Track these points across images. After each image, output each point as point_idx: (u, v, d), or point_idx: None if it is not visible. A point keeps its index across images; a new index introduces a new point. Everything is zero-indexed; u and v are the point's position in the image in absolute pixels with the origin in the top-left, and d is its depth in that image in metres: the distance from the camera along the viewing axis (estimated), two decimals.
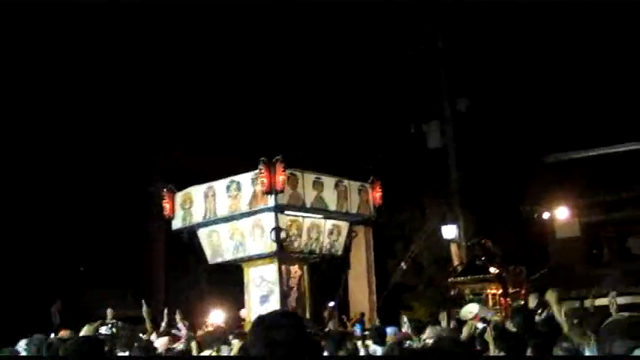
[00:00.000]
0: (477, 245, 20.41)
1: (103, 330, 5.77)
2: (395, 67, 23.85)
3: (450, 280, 19.91)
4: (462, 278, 19.24)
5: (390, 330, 10.91)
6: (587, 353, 7.43)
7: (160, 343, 9.48)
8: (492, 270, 18.80)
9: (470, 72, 23.44)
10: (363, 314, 18.55)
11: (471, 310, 12.81)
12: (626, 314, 7.27)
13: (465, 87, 23.70)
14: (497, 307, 17.36)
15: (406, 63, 23.65)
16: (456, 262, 21.71)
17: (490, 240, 20.07)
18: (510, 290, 18.27)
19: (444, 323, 10.18)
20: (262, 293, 14.67)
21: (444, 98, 23.84)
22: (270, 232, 13.98)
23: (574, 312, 8.31)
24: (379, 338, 10.61)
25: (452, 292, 19.88)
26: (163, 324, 11.75)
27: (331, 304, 18.80)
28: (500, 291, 18.10)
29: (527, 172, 23.71)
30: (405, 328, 11.26)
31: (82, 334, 5.07)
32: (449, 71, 23.76)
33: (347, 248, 15.80)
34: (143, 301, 11.61)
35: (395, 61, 23.82)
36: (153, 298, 22.01)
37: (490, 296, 17.88)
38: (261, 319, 2.88)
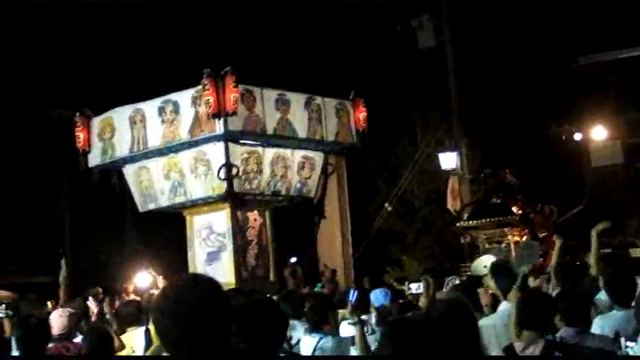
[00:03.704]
0: (490, 178, 20.34)
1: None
2: None
3: (458, 224, 19.93)
4: (475, 222, 19.19)
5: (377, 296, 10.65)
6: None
7: (56, 321, 9.20)
8: (515, 210, 18.92)
9: None
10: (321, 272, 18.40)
11: (486, 263, 12.78)
12: None
13: None
14: None
15: None
16: (450, 202, 21.64)
17: (510, 170, 20.08)
18: (540, 236, 18.27)
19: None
20: (210, 249, 14.57)
21: None
22: (219, 170, 13.85)
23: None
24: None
25: (462, 240, 20.05)
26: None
27: (293, 259, 18.83)
28: (525, 238, 18.14)
29: (552, 80, 23.60)
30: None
31: None
32: None
33: (323, 188, 15.74)
34: (63, 261, 11.47)
35: None
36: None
37: (513, 245, 17.90)
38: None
